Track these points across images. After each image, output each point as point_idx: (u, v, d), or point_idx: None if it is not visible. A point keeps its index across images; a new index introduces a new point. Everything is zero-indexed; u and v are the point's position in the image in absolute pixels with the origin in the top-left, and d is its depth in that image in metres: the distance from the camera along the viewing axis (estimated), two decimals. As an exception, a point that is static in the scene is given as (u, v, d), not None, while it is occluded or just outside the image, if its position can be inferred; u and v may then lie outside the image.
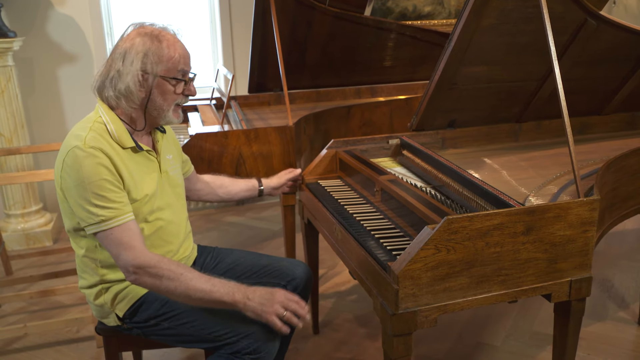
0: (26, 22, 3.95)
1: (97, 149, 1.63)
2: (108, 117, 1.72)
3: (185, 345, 1.82)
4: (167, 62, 1.71)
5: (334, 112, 3.37)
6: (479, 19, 2.09)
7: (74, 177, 1.62)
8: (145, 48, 1.69)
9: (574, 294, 1.74)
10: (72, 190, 1.64)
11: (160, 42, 1.71)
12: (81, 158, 1.61)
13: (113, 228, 1.63)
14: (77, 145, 1.63)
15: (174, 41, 1.74)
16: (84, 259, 1.78)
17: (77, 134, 1.67)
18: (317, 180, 2.41)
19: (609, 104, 2.76)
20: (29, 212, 3.98)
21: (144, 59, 1.69)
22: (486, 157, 2.47)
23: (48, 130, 4.16)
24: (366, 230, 1.88)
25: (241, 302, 1.63)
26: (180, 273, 1.63)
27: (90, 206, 1.62)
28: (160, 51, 1.70)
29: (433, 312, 1.58)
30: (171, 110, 1.78)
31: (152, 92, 1.72)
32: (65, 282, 3.23)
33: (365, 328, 2.81)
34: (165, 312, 1.76)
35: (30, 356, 2.65)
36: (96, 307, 1.82)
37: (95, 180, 1.61)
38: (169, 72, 1.73)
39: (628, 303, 2.96)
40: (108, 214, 1.62)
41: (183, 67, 1.75)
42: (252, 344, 1.69)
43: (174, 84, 1.74)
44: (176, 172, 1.95)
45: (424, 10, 4.84)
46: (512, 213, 1.59)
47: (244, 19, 4.45)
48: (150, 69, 1.70)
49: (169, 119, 1.79)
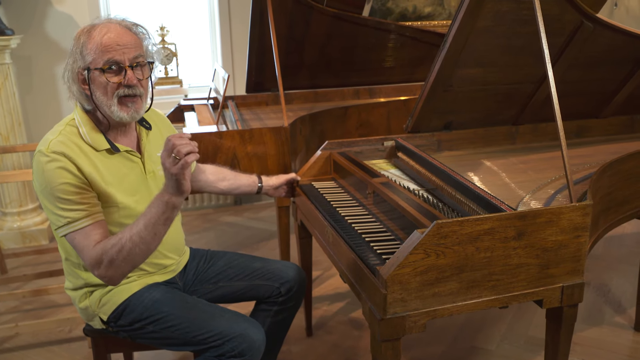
0: (24, 20, 3.94)
1: (59, 153, 1.60)
2: (80, 119, 1.70)
3: (171, 348, 1.80)
4: (90, 53, 1.63)
5: (330, 113, 3.35)
6: (474, 20, 2.07)
7: (39, 182, 1.62)
8: (76, 44, 1.66)
9: (566, 299, 1.72)
10: (40, 194, 1.64)
11: (89, 35, 1.65)
12: (43, 163, 1.60)
13: (78, 230, 1.60)
14: (41, 150, 1.62)
15: (99, 31, 1.64)
16: (67, 261, 1.77)
17: (46, 138, 1.66)
18: (310, 181, 2.39)
19: (607, 107, 2.73)
20: (24, 211, 3.97)
21: (74, 55, 1.66)
22: (482, 159, 2.45)
23: (45, 128, 4.07)
24: (357, 233, 1.86)
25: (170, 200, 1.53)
26: (119, 238, 1.56)
27: (56, 209, 1.60)
28: (86, 44, 1.64)
29: (422, 317, 1.56)
30: (115, 104, 1.66)
31: (91, 87, 1.67)
32: (59, 282, 3.21)
33: (359, 331, 2.79)
34: (149, 315, 1.74)
35: (22, 356, 2.64)
36: (81, 309, 1.81)
37: (58, 185, 1.59)
38: (94, 62, 1.63)
39: (625, 308, 2.93)
40: (74, 215, 1.60)
41: (111, 56, 1.63)
42: (236, 346, 1.67)
43: (101, 74, 1.63)
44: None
45: (424, 11, 4.82)
46: (503, 218, 1.57)
47: (243, 18, 4.43)
48: (78, 64, 1.65)
49: (117, 115, 1.67)
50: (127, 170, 1.75)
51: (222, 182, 2.22)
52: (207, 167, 2.22)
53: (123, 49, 1.65)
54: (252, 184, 2.27)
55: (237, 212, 4.57)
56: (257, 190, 2.28)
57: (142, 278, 1.82)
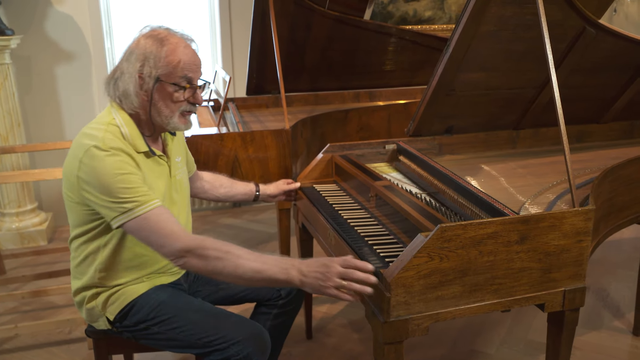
0: (24, 20, 3.94)
1: (117, 149, 1.61)
2: (122, 120, 1.70)
3: (175, 350, 1.80)
4: (167, 66, 1.67)
5: (331, 116, 3.36)
6: (477, 25, 2.08)
7: (95, 175, 1.58)
8: (147, 50, 1.67)
9: (568, 304, 1.72)
10: (94, 188, 1.59)
11: (162, 45, 1.68)
12: (102, 156, 1.58)
13: (147, 213, 1.58)
14: (96, 144, 1.59)
15: (177, 46, 1.69)
16: (85, 260, 1.75)
17: (91, 134, 1.63)
18: (312, 184, 2.39)
19: (608, 112, 2.74)
20: (23, 211, 3.96)
21: (143, 61, 1.67)
22: (483, 163, 2.45)
23: (44, 129, 4.14)
24: (360, 236, 1.86)
25: (297, 280, 1.54)
26: (226, 251, 1.58)
27: (117, 199, 1.58)
28: (160, 54, 1.67)
29: (425, 320, 1.56)
30: (176, 116, 1.73)
31: (153, 96, 1.69)
32: (58, 283, 3.21)
33: (359, 334, 2.79)
34: (154, 316, 1.74)
35: (21, 357, 2.63)
36: (87, 310, 1.80)
37: (121, 174, 1.58)
38: (169, 77, 1.68)
39: (623, 312, 2.94)
40: (140, 198, 1.59)
41: (186, 74, 1.70)
42: (242, 350, 1.67)
43: (173, 89, 1.70)
44: (183, 175, 1.93)
45: (425, 15, 4.83)
46: (507, 222, 1.58)
47: (243, 20, 4.43)
48: (147, 71, 1.67)
49: (175, 125, 1.74)
50: (158, 174, 1.77)
51: (218, 189, 2.23)
52: (204, 174, 2.23)
53: (197, 69, 1.73)
54: (249, 192, 2.27)
55: (236, 215, 4.57)
56: (254, 198, 2.29)
57: (151, 279, 1.82)
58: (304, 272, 1.54)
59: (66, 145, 3.12)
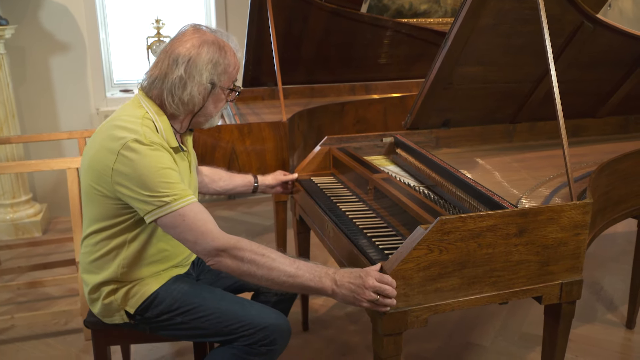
0: (19, 10, 3.91)
1: (157, 144, 1.61)
2: (156, 116, 1.69)
3: (197, 339, 1.82)
4: (227, 73, 1.73)
5: (327, 109, 3.36)
6: (476, 19, 2.09)
7: (136, 168, 1.56)
8: (214, 59, 1.68)
9: (565, 296, 1.74)
10: (132, 181, 1.57)
11: (226, 52, 1.71)
12: (145, 150, 1.57)
13: (184, 208, 1.57)
14: (137, 138, 1.58)
15: (234, 52, 1.75)
16: (108, 255, 1.73)
17: (127, 127, 1.61)
18: (310, 177, 2.40)
19: (603, 107, 2.76)
20: (18, 202, 3.94)
21: (212, 71, 1.69)
22: (480, 157, 2.47)
23: (39, 120, 4.12)
24: (358, 228, 1.87)
25: (329, 289, 1.54)
26: (262, 254, 1.58)
27: (156, 192, 1.56)
28: (226, 62, 1.71)
29: (424, 312, 1.57)
30: (218, 115, 1.81)
31: (207, 100, 1.73)
32: (53, 274, 3.20)
33: (355, 325, 2.81)
34: (179, 306, 1.74)
35: (17, 348, 2.63)
36: (103, 305, 1.76)
37: (163, 168, 1.58)
38: (228, 82, 1.75)
39: (617, 305, 2.97)
40: (179, 193, 1.58)
41: (236, 78, 1.79)
42: (268, 335, 1.70)
43: (227, 93, 1.77)
44: (195, 170, 1.94)
45: (420, 8, 4.83)
46: (506, 215, 1.59)
47: (239, 11, 4.42)
48: (217, 80, 1.71)
49: (214, 123, 1.82)
50: (184, 169, 1.78)
51: (217, 182, 2.23)
52: (203, 168, 2.23)
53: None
54: (247, 184, 2.28)
55: (231, 207, 4.57)
56: (253, 190, 2.30)
57: (167, 272, 1.81)
58: (338, 282, 1.54)
59: (62, 137, 3.11)
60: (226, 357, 1.73)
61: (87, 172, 1.66)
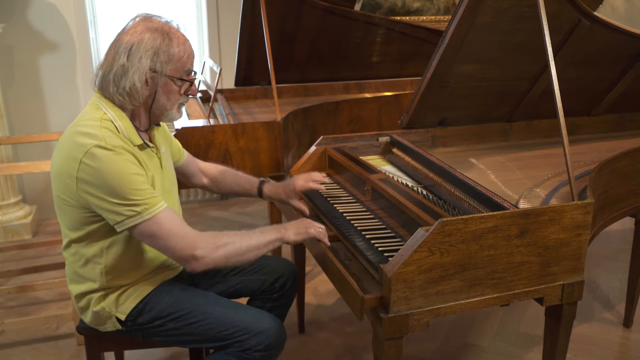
0: (6, 9, 3.84)
1: (120, 147, 1.56)
2: (114, 114, 1.64)
3: (191, 345, 1.78)
4: (177, 62, 1.65)
5: (322, 108, 3.33)
6: (474, 16, 2.06)
7: (100, 176, 1.52)
8: (155, 45, 1.61)
9: (566, 297, 1.72)
10: (99, 190, 1.53)
11: (171, 40, 1.64)
12: (108, 156, 1.53)
13: (155, 216, 1.55)
14: (98, 144, 1.53)
15: (183, 40, 1.68)
16: (88, 265, 1.69)
17: (87, 132, 1.56)
18: (305, 177, 2.36)
19: (599, 105, 2.74)
20: (7, 205, 3.88)
21: (154, 57, 1.61)
22: (476, 156, 2.44)
23: (28, 121, 4.05)
24: (356, 230, 1.84)
25: (282, 234, 1.71)
26: (232, 242, 1.63)
27: (126, 201, 1.53)
28: (171, 50, 1.63)
29: (425, 315, 1.55)
30: (175, 108, 1.73)
31: (157, 91, 1.66)
32: (44, 277, 3.15)
33: (352, 327, 2.78)
34: (171, 312, 1.71)
35: (7, 354, 2.58)
36: (93, 313, 1.72)
37: (130, 174, 1.54)
38: (177, 72, 1.66)
39: (614, 304, 2.96)
40: (148, 200, 1.55)
41: (189, 67, 1.69)
42: (262, 341, 1.67)
43: (179, 84, 1.68)
44: (170, 165, 1.89)
45: (413, 6, 4.80)
46: (507, 216, 1.57)
47: (231, 9, 4.37)
48: (159, 67, 1.63)
49: (172, 117, 1.74)
50: (152, 165, 1.73)
51: (221, 184, 2.16)
52: (209, 167, 2.16)
53: (194, 61, 1.72)
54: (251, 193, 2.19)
55: (224, 207, 4.53)
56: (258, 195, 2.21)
57: (158, 274, 1.78)
58: (285, 226, 1.73)
59: (51, 137, 3.05)
60: None
61: (54, 182, 1.63)
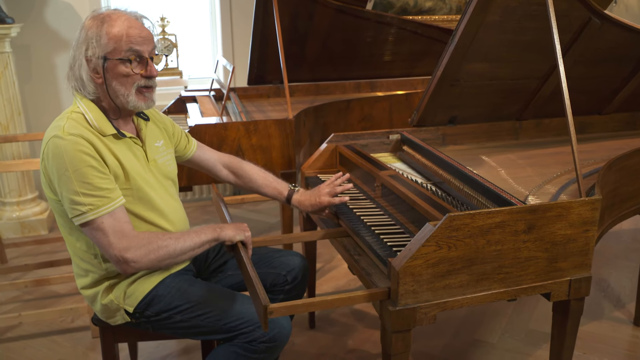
0: (24, 9, 3.91)
1: (76, 135, 1.59)
2: (85, 107, 1.68)
3: (197, 337, 1.81)
4: (110, 42, 1.63)
5: (333, 106, 3.36)
6: (483, 15, 2.08)
7: (57, 168, 1.58)
8: (89, 32, 1.64)
9: (573, 293, 1.74)
10: (57, 181, 1.60)
11: (103, 23, 1.64)
12: (62, 147, 1.58)
13: (103, 216, 1.59)
14: (56, 134, 1.60)
15: (118, 21, 1.65)
16: (85, 256, 1.73)
17: (56, 125, 1.64)
18: (316, 174, 2.40)
19: (610, 104, 2.75)
20: (24, 200, 3.95)
21: (87, 43, 1.64)
22: (486, 154, 2.46)
23: (45, 117, 4.12)
24: (366, 225, 1.87)
25: (217, 234, 1.72)
26: (165, 246, 1.65)
27: (76, 196, 1.58)
28: (100, 32, 1.63)
29: (432, 309, 1.57)
30: (132, 94, 1.68)
31: (105, 77, 1.66)
32: (60, 272, 3.21)
33: (362, 322, 2.80)
34: (178, 304, 1.74)
35: (24, 345, 2.64)
36: (103, 306, 1.76)
37: (80, 168, 1.57)
38: (115, 53, 1.64)
39: (624, 303, 2.96)
40: (96, 202, 1.59)
41: (132, 46, 1.64)
42: (268, 332, 1.69)
43: (127, 66, 1.65)
44: (166, 159, 1.89)
45: (425, 5, 4.82)
46: (514, 211, 1.59)
47: (244, 10, 4.42)
48: (92, 52, 1.63)
49: (135, 104, 1.70)
50: (133, 156, 1.75)
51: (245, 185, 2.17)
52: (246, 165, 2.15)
53: (144, 41, 1.68)
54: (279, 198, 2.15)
55: (236, 205, 4.57)
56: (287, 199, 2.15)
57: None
58: (223, 226, 1.74)
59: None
60: (227, 355, 1.73)
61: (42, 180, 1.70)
